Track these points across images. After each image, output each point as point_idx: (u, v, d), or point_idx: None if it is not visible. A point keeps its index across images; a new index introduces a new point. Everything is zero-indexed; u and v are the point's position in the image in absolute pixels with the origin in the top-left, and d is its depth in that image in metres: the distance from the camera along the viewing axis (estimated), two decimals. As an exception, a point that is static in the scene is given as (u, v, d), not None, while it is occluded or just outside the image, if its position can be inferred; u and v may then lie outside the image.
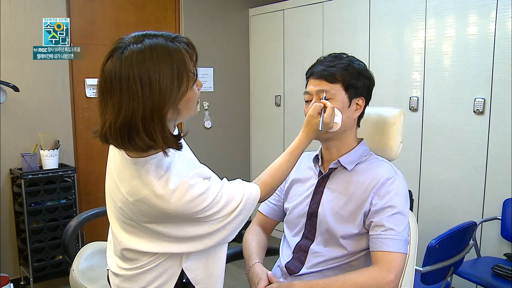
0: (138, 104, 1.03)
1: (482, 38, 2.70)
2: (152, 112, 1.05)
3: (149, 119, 1.05)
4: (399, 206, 1.39)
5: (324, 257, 1.47)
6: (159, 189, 1.11)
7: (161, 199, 1.11)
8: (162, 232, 1.17)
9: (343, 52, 1.57)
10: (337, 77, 1.46)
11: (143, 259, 1.22)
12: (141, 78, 1.03)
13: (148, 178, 1.12)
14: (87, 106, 3.48)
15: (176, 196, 1.11)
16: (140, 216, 1.17)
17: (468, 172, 2.82)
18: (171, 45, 1.09)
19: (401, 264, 1.35)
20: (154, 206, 1.12)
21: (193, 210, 1.13)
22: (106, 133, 1.08)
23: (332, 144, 1.54)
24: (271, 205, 1.73)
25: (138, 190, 1.13)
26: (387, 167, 1.49)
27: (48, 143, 3.12)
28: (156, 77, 1.04)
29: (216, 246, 1.25)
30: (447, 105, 2.89)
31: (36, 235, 3.01)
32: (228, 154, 4.41)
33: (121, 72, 1.04)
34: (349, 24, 3.49)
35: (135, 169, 1.15)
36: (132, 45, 1.07)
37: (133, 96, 1.03)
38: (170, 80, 1.06)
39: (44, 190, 3.02)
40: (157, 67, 1.04)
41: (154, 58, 1.04)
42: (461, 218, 2.72)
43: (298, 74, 3.95)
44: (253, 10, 4.43)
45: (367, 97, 1.53)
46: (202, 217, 1.15)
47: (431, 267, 2.10)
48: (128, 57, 1.04)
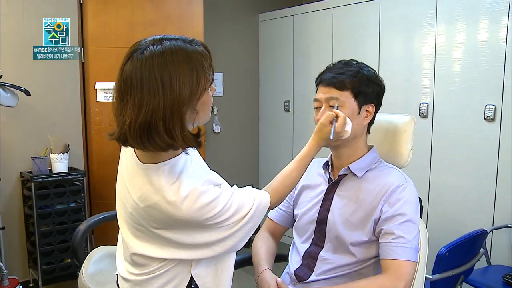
0: (159, 103, 1.05)
1: (493, 44, 2.68)
2: (172, 110, 1.07)
3: (169, 117, 1.07)
4: (409, 214, 1.38)
5: (333, 264, 1.46)
6: (170, 195, 1.11)
7: (172, 205, 1.11)
8: (171, 238, 1.17)
9: (353, 58, 1.57)
10: (346, 84, 1.46)
11: (153, 265, 1.22)
12: (162, 77, 1.05)
13: (160, 184, 1.13)
14: (98, 110, 3.49)
15: (187, 203, 1.12)
16: (150, 222, 1.17)
17: (479, 180, 2.79)
18: (190, 48, 1.11)
19: (411, 272, 1.34)
20: (165, 212, 1.12)
21: (204, 216, 1.13)
22: (125, 132, 1.09)
23: (342, 151, 1.53)
24: (281, 211, 1.73)
25: (149, 195, 1.14)
26: (397, 175, 1.48)
27: (58, 147, 3.14)
28: (176, 77, 1.07)
29: (225, 253, 1.25)
30: (457, 111, 2.87)
31: (45, 238, 3.03)
32: (237, 159, 4.42)
33: (142, 72, 1.06)
34: (359, 30, 3.48)
35: (146, 175, 1.15)
36: (152, 46, 1.09)
37: (153, 95, 1.05)
38: (189, 81, 1.08)
39: (54, 194, 3.04)
40: (177, 68, 1.07)
41: (175, 59, 1.07)
42: (471, 225, 2.70)
43: (308, 80, 3.95)
44: (263, 16, 4.44)
45: (377, 104, 1.52)
46: (212, 224, 1.15)
47: (440, 275, 2.08)
48: (149, 58, 1.07)
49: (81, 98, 3.42)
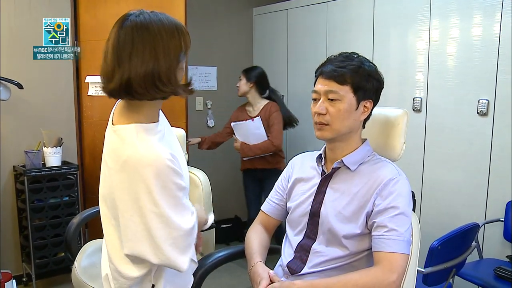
0: (160, 60, 1.19)
1: (487, 39, 2.69)
2: (171, 66, 1.22)
3: (168, 71, 1.21)
4: (402, 207, 1.39)
5: (326, 257, 1.47)
6: (143, 148, 1.19)
7: (144, 157, 1.18)
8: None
9: (353, 52, 1.55)
10: (346, 78, 1.44)
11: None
12: (166, 32, 1.21)
13: (133, 139, 1.21)
14: (90, 104, 3.48)
15: (158, 157, 1.18)
16: (121, 193, 1.21)
17: (471, 174, 2.81)
18: (174, 21, 1.26)
19: (403, 265, 1.35)
20: (136, 167, 1.17)
21: (170, 181, 1.19)
22: (127, 83, 1.18)
23: (336, 145, 1.54)
24: (274, 204, 1.73)
25: (122, 152, 1.21)
26: (390, 168, 1.49)
27: (51, 141, 3.13)
28: (170, 43, 1.22)
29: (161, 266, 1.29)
30: (451, 106, 2.88)
31: (38, 232, 3.03)
32: (230, 153, 4.41)
33: (148, 25, 1.19)
34: (353, 24, 3.48)
35: (119, 135, 1.24)
36: (150, 13, 1.23)
37: (157, 50, 1.19)
38: (181, 46, 1.24)
39: (47, 187, 3.03)
40: (170, 35, 1.22)
41: (166, 29, 1.22)
42: (464, 219, 2.72)
43: (302, 74, 3.95)
44: (257, 10, 4.43)
45: (375, 100, 1.52)
46: (173, 196, 1.21)
47: (433, 268, 2.10)
48: (153, 16, 1.22)
49: (74, 92, 3.40)
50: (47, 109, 3.28)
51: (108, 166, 1.27)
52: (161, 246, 1.19)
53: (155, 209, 1.18)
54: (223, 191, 4.25)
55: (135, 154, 1.18)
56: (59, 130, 3.24)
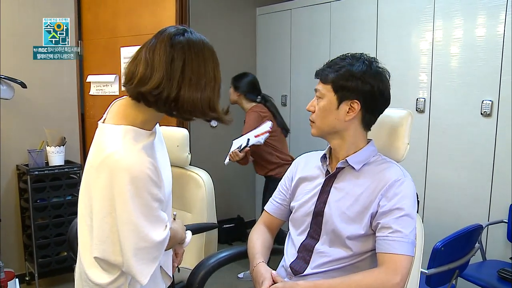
0: (209, 88, 1.26)
1: (491, 39, 2.68)
2: (214, 94, 1.28)
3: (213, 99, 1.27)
4: (407, 209, 1.39)
5: (329, 258, 1.47)
6: (125, 151, 1.18)
7: (123, 159, 1.17)
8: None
9: (357, 52, 1.54)
10: (328, 78, 1.48)
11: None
12: (208, 67, 1.26)
13: (117, 140, 1.21)
14: (92, 103, 3.48)
15: (136, 163, 1.18)
16: (97, 193, 1.21)
17: (475, 175, 2.80)
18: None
19: (407, 266, 1.34)
20: (113, 168, 1.16)
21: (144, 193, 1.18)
22: (177, 101, 1.21)
23: (333, 143, 1.55)
24: (277, 204, 1.73)
25: (103, 150, 1.20)
26: (395, 169, 1.48)
27: (54, 140, 3.13)
28: (216, 68, 1.29)
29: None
30: (454, 107, 2.87)
31: (41, 231, 3.03)
32: (233, 153, 4.41)
33: (203, 45, 1.28)
34: (356, 24, 3.48)
35: (108, 135, 1.24)
36: (190, 34, 1.29)
37: (207, 78, 1.25)
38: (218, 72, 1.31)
39: (50, 187, 3.04)
40: (215, 61, 1.30)
41: (212, 55, 1.31)
42: (467, 220, 2.71)
43: (305, 74, 3.95)
44: (260, 9, 4.43)
45: (366, 102, 1.46)
46: (147, 205, 1.19)
47: (436, 270, 2.09)
48: (200, 48, 1.27)
49: (78, 91, 3.41)
50: (50, 108, 3.28)
51: (90, 163, 1.26)
52: (126, 253, 1.18)
53: (125, 215, 1.16)
54: (226, 191, 4.26)
55: (115, 155, 1.17)
56: (62, 129, 3.24)
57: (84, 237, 1.28)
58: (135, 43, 3.18)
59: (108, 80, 3.35)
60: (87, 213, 1.26)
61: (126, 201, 1.15)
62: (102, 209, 1.19)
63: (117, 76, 3.32)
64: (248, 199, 4.68)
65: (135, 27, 3.20)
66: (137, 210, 1.17)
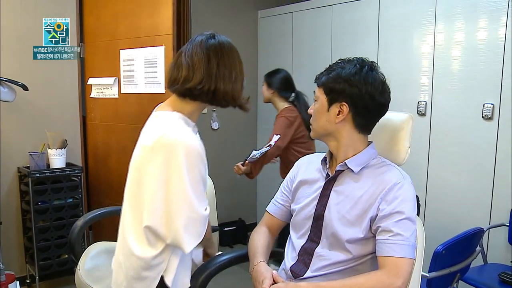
0: (238, 80, 1.53)
1: (492, 43, 2.68)
2: (241, 87, 1.55)
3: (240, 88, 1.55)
4: (407, 212, 1.38)
5: (329, 261, 1.46)
6: (179, 130, 1.38)
7: (179, 136, 1.36)
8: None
9: (356, 56, 1.54)
10: (322, 81, 1.52)
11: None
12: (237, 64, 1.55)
13: (172, 122, 1.41)
14: (92, 106, 3.49)
15: (191, 140, 1.39)
16: (152, 168, 1.36)
17: (476, 178, 2.80)
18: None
19: (408, 269, 1.34)
20: (170, 144, 1.34)
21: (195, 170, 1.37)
22: (215, 93, 1.46)
23: (332, 145, 1.55)
24: (279, 205, 1.73)
25: (159, 131, 1.37)
26: (395, 172, 1.48)
27: (56, 142, 3.13)
28: (240, 65, 1.58)
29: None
30: (456, 110, 2.87)
31: (42, 233, 3.03)
32: (234, 155, 4.40)
33: (230, 45, 1.57)
34: (358, 27, 3.48)
35: (162, 119, 1.44)
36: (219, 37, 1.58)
37: (236, 72, 1.53)
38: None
39: (51, 189, 3.04)
40: (239, 59, 1.58)
41: (237, 54, 1.59)
42: (468, 224, 2.70)
43: (306, 77, 3.94)
44: (262, 12, 4.43)
45: (353, 105, 1.46)
46: (197, 180, 1.37)
47: (437, 273, 2.09)
48: (231, 49, 1.56)
49: (79, 94, 3.41)
50: (51, 110, 3.28)
51: (142, 145, 1.43)
52: (177, 222, 1.33)
53: (180, 186, 1.33)
54: (227, 194, 4.25)
55: (171, 133, 1.36)
56: (64, 132, 3.25)
57: (128, 214, 1.46)
58: (134, 45, 3.19)
59: (108, 82, 3.35)
60: (136, 189, 1.43)
61: (181, 173, 1.32)
62: (156, 182, 1.35)
63: (116, 79, 3.32)
64: (250, 202, 4.68)
65: (134, 30, 3.21)
66: (190, 183, 1.34)
